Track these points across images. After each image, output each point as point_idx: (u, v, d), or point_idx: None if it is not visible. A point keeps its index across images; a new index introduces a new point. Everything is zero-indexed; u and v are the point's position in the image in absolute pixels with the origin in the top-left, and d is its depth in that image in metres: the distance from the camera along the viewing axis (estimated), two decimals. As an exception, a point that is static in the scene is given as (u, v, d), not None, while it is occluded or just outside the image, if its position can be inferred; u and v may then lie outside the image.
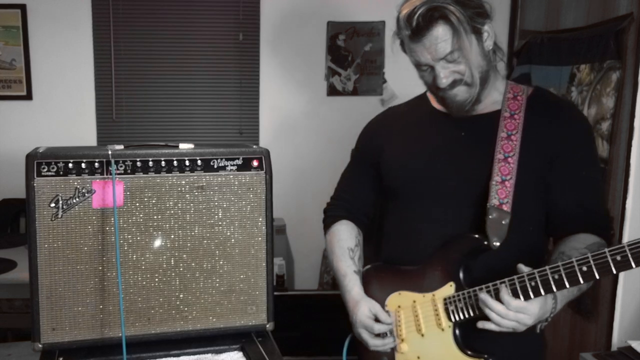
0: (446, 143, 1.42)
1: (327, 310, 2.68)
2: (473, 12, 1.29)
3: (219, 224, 1.42)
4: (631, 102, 2.20)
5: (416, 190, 1.44)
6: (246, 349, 1.40)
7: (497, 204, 1.30)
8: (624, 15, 2.27)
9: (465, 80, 1.33)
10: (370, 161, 1.55)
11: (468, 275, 1.34)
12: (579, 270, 1.15)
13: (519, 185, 1.31)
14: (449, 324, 1.33)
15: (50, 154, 1.32)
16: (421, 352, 1.37)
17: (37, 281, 1.33)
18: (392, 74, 3.67)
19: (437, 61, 1.31)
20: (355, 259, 1.53)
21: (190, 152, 1.40)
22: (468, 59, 1.30)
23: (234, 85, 3.59)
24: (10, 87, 3.40)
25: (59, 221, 1.33)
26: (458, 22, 1.26)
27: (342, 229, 1.58)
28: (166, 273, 1.40)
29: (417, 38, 1.29)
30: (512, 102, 1.38)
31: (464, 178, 1.37)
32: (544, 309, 1.23)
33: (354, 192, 1.60)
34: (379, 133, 1.56)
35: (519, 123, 1.35)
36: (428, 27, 1.27)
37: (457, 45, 1.28)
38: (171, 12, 3.49)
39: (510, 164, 1.32)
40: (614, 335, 2.25)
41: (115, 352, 1.34)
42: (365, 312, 1.41)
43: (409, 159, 1.46)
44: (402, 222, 1.48)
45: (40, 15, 3.39)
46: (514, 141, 1.33)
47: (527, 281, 1.20)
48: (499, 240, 1.30)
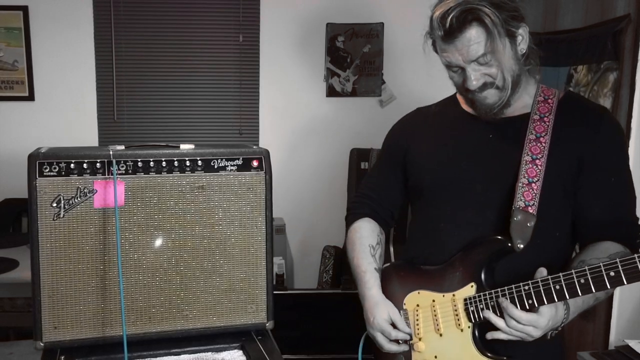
0: (473, 145, 1.40)
1: (326, 309, 2.70)
2: (508, 15, 1.26)
3: (219, 224, 1.44)
4: (628, 103, 2.21)
5: (441, 191, 1.42)
6: (246, 347, 1.41)
7: (523, 206, 1.28)
8: (621, 16, 2.28)
9: (495, 84, 1.30)
10: (397, 161, 1.53)
11: (490, 277, 1.32)
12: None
13: (546, 188, 1.29)
14: (468, 325, 1.31)
15: (52, 154, 1.34)
16: (438, 351, 1.35)
17: (39, 280, 1.34)
18: (391, 75, 3.68)
19: (468, 63, 1.29)
20: (377, 257, 1.51)
21: (190, 153, 1.42)
22: (500, 62, 1.28)
23: (234, 86, 3.60)
24: (12, 88, 3.42)
25: (60, 221, 1.34)
26: (492, 25, 1.24)
27: (364, 226, 1.55)
28: (167, 272, 1.41)
29: (450, 39, 1.27)
30: (543, 105, 1.35)
31: (490, 180, 1.36)
32: (554, 319, 1.22)
33: (380, 192, 1.58)
34: (406, 133, 1.54)
35: (548, 126, 1.32)
36: (461, 29, 1.24)
37: (490, 48, 1.26)
38: (172, 13, 3.50)
39: (538, 166, 1.30)
40: (612, 334, 2.26)
41: (116, 351, 1.35)
42: (384, 316, 1.39)
43: (436, 160, 1.44)
44: (426, 223, 1.47)
45: (42, 17, 3.40)
46: (543, 143, 1.31)
47: (551, 285, 1.19)
48: (523, 243, 1.27)
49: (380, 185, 1.58)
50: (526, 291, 1.21)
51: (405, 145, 1.52)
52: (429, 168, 1.45)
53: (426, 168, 1.46)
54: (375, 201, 1.57)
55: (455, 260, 1.36)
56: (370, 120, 3.64)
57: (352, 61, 3.64)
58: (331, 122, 3.67)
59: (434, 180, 1.44)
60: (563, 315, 1.23)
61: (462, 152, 1.41)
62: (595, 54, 2.40)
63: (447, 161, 1.42)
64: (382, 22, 3.62)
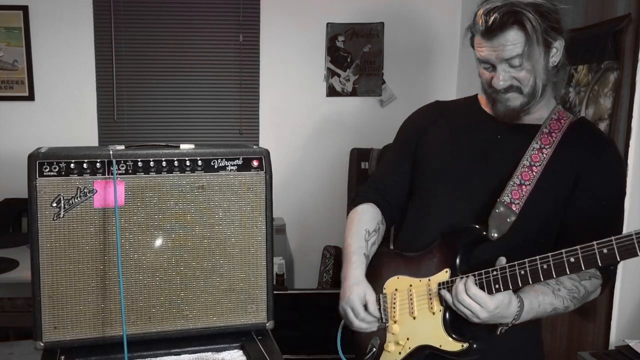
0: (480, 142, 1.44)
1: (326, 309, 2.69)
2: (549, 25, 1.29)
3: (219, 224, 1.44)
4: (629, 103, 2.21)
5: (440, 179, 1.46)
6: (246, 347, 1.41)
7: (507, 202, 1.33)
8: (621, 16, 2.28)
9: (521, 89, 1.34)
10: (410, 147, 1.55)
11: (464, 264, 1.36)
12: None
13: (535, 194, 1.33)
14: (440, 308, 1.36)
15: (52, 154, 1.34)
16: (410, 333, 1.41)
17: (39, 280, 1.34)
18: (391, 75, 3.68)
19: (500, 62, 1.32)
20: (369, 243, 1.53)
21: (190, 153, 1.42)
22: (531, 69, 1.31)
23: (234, 85, 3.60)
24: (12, 87, 3.42)
25: (60, 221, 1.34)
26: (532, 31, 1.27)
27: (367, 209, 1.57)
28: (167, 272, 1.41)
29: (489, 36, 1.30)
30: (555, 122, 1.39)
31: (487, 176, 1.40)
32: (503, 308, 1.24)
33: (390, 180, 1.59)
34: (422, 121, 1.57)
35: (554, 140, 1.36)
36: (502, 28, 1.28)
37: (526, 52, 1.29)
38: (172, 13, 3.50)
39: (533, 172, 1.34)
40: (612, 334, 2.26)
41: (116, 351, 1.35)
42: (360, 294, 1.42)
43: (443, 150, 1.48)
44: (420, 209, 1.50)
45: (42, 17, 3.40)
46: (544, 154, 1.35)
47: (517, 270, 1.22)
48: (498, 234, 1.31)
49: (391, 174, 1.60)
50: (494, 276, 1.25)
51: (419, 133, 1.55)
52: (436, 157, 1.49)
53: (433, 156, 1.49)
54: (383, 190, 1.59)
55: (433, 247, 1.41)
56: (370, 120, 3.64)
57: (352, 61, 3.64)
58: (331, 122, 3.67)
59: (437, 169, 1.47)
60: (515, 311, 1.26)
61: (469, 146, 1.45)
62: (596, 54, 2.40)
63: (453, 152, 1.46)
64: (382, 22, 3.62)
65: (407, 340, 1.41)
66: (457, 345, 1.32)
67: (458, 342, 1.33)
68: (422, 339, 1.38)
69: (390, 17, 3.64)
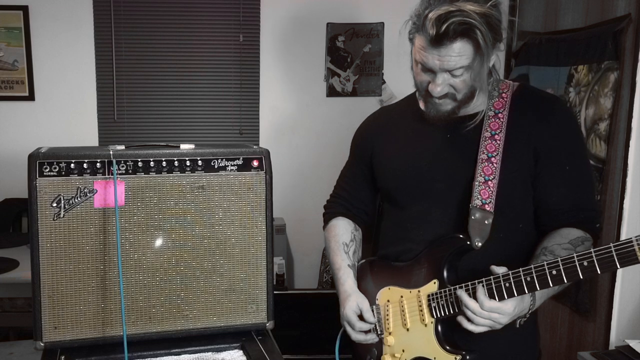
0: (433, 145, 1.42)
1: (326, 309, 2.69)
2: (494, 36, 1.25)
3: (219, 224, 1.44)
4: (629, 103, 2.21)
5: (406, 191, 1.45)
6: (246, 347, 1.42)
7: (480, 205, 1.31)
8: (622, 16, 2.28)
9: (455, 95, 1.32)
10: (365, 162, 1.58)
11: (452, 274, 1.35)
12: (549, 274, 1.17)
13: (502, 185, 1.32)
14: (431, 320, 1.36)
15: (52, 154, 1.34)
16: (406, 345, 1.41)
17: (39, 280, 1.34)
18: (391, 74, 3.68)
19: (442, 71, 1.29)
20: (350, 253, 1.56)
21: (191, 153, 1.42)
22: (469, 79, 1.29)
23: (234, 86, 3.60)
24: (12, 87, 3.41)
25: (60, 221, 1.34)
26: (484, 46, 1.23)
27: (338, 224, 1.61)
28: (167, 272, 1.41)
29: (437, 44, 1.24)
30: (498, 100, 1.37)
31: (450, 179, 1.38)
32: (520, 306, 1.24)
33: (352, 190, 1.62)
34: (370, 135, 1.58)
35: (502, 122, 1.34)
36: (452, 39, 1.22)
37: (471, 65, 1.26)
38: (172, 13, 3.50)
39: (493, 163, 1.32)
40: (612, 334, 2.26)
41: (116, 351, 1.35)
42: (353, 307, 1.44)
43: (399, 162, 1.47)
44: (395, 222, 1.50)
45: (42, 17, 3.40)
46: (498, 141, 1.33)
47: (502, 282, 1.22)
48: (482, 241, 1.31)
49: (351, 184, 1.62)
50: (497, 284, 1.23)
51: (370, 147, 1.56)
52: (393, 171, 1.48)
53: (391, 171, 1.49)
54: (348, 200, 1.62)
55: (421, 257, 1.41)
56: (370, 120, 3.64)
57: (353, 61, 3.64)
58: (332, 122, 3.67)
59: (399, 182, 1.47)
60: (529, 301, 1.26)
61: (422, 152, 1.44)
62: (596, 54, 2.40)
63: (409, 162, 1.45)
64: (382, 22, 3.62)
65: (402, 352, 1.41)
66: (451, 357, 1.32)
67: (451, 354, 1.32)
68: (417, 351, 1.39)
69: (390, 17, 3.63)
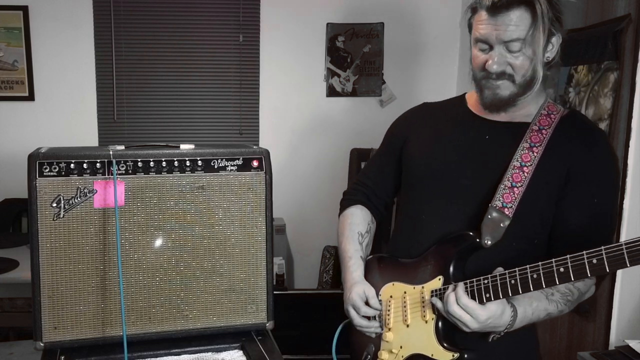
0: (468, 143, 1.40)
1: (326, 309, 2.69)
2: (554, 15, 1.25)
3: (219, 224, 1.44)
4: (629, 103, 2.21)
5: (428, 182, 1.43)
6: (246, 347, 1.42)
7: (500, 206, 1.29)
8: (621, 16, 2.28)
9: (514, 77, 1.29)
10: (395, 150, 1.54)
11: (458, 271, 1.33)
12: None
13: (528, 195, 1.29)
14: (432, 316, 1.34)
15: (52, 154, 1.34)
16: (404, 341, 1.40)
17: (39, 280, 1.34)
18: (391, 75, 3.68)
19: (499, 43, 1.26)
20: (363, 245, 1.54)
21: (190, 153, 1.42)
22: (529, 56, 1.26)
23: (234, 86, 3.60)
24: (12, 88, 3.41)
25: (60, 221, 1.34)
26: (541, 14, 1.22)
27: (356, 212, 1.58)
28: (167, 272, 1.41)
29: (494, 12, 1.24)
30: (545, 118, 1.34)
31: (476, 178, 1.36)
32: (496, 319, 1.22)
33: (376, 179, 1.59)
34: (407, 124, 1.56)
35: (544, 138, 1.31)
36: (509, 6, 1.22)
37: (528, 37, 1.23)
38: (172, 13, 3.50)
39: (525, 172, 1.29)
40: (612, 335, 2.26)
41: (116, 351, 1.35)
42: (360, 292, 1.43)
43: (430, 153, 1.45)
44: (411, 215, 1.48)
45: (42, 17, 3.40)
46: (535, 153, 1.30)
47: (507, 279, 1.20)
48: (492, 240, 1.28)
49: (377, 174, 1.60)
50: (485, 285, 1.23)
51: (405, 136, 1.53)
52: (422, 160, 1.46)
53: (419, 160, 1.47)
54: (371, 189, 1.59)
55: (428, 253, 1.39)
56: (370, 120, 3.64)
57: (352, 61, 3.64)
58: (331, 122, 3.67)
59: (424, 172, 1.45)
60: (508, 320, 1.23)
61: (456, 148, 1.42)
62: (596, 54, 2.40)
63: (439, 154, 1.43)
64: (382, 22, 3.62)
65: (400, 349, 1.40)
66: (448, 355, 1.31)
67: (449, 352, 1.31)
68: (415, 348, 1.37)
69: (390, 17, 3.63)
